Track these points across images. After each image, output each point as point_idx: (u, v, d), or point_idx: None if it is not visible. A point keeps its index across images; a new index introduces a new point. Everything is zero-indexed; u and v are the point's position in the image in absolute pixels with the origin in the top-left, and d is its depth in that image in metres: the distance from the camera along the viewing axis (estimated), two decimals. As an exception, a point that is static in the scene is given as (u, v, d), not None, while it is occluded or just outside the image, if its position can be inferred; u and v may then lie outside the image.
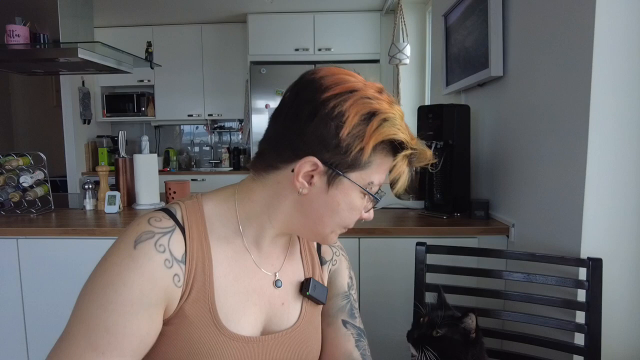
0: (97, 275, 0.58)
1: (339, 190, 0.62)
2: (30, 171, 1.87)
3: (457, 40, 2.01)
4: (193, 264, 0.62)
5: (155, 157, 2.06)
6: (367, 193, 0.63)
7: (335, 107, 0.58)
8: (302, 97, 0.61)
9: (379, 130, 0.59)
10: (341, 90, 0.60)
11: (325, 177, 0.61)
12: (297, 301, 0.73)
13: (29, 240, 1.63)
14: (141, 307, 0.56)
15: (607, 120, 1.08)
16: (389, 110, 0.61)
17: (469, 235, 1.58)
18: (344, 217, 0.65)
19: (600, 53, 1.06)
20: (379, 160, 0.62)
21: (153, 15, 4.05)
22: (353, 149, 0.59)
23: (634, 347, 1.14)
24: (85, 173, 4.16)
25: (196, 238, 0.63)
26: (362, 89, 0.61)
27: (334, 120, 0.58)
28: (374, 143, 0.59)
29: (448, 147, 1.72)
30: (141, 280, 0.57)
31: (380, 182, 0.64)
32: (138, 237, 0.59)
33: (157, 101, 4.36)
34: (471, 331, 0.87)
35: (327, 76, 0.62)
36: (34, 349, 1.66)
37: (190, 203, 0.66)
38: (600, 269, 1.06)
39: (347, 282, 0.80)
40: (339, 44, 3.95)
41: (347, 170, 0.61)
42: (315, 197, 0.63)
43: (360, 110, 0.59)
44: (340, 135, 0.58)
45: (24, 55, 2.05)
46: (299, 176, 0.61)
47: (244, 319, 0.65)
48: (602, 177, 1.09)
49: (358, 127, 0.59)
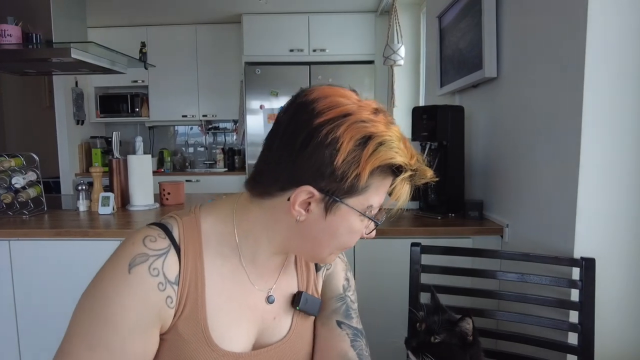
0: (95, 297, 0.58)
1: (337, 216, 0.61)
2: (23, 172, 1.86)
3: (451, 42, 2.02)
4: (186, 285, 0.62)
5: (149, 158, 2.05)
6: (365, 217, 0.62)
7: (328, 133, 0.56)
8: (295, 123, 0.59)
9: (375, 155, 0.57)
10: (334, 115, 0.58)
11: (322, 204, 0.60)
12: (289, 314, 0.73)
13: (21, 242, 1.61)
14: (137, 329, 0.58)
15: (599, 121, 1.09)
16: (385, 132, 0.58)
17: (464, 236, 1.58)
18: (343, 240, 0.64)
19: (593, 54, 1.07)
20: (377, 183, 0.60)
21: (147, 16, 4.03)
22: (349, 176, 0.57)
23: (626, 346, 1.15)
24: (79, 174, 4.13)
25: (191, 258, 0.63)
26: (356, 112, 0.58)
27: (328, 147, 0.56)
28: (370, 169, 0.58)
29: (442, 148, 1.72)
30: (136, 305, 0.58)
31: (380, 204, 0.63)
32: (132, 259, 0.59)
33: (151, 102, 4.34)
34: (468, 334, 0.87)
35: (320, 99, 0.59)
36: (26, 352, 1.64)
37: (187, 220, 0.66)
38: (594, 269, 1.07)
39: (343, 284, 0.80)
40: (333, 45, 3.95)
41: (345, 196, 0.59)
42: (313, 223, 0.62)
43: (355, 135, 0.57)
44: (335, 163, 0.57)
45: (16, 55, 2.04)
46: (295, 205, 0.60)
47: (236, 335, 0.66)
48: (595, 177, 1.10)
49: (353, 152, 0.57)
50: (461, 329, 0.87)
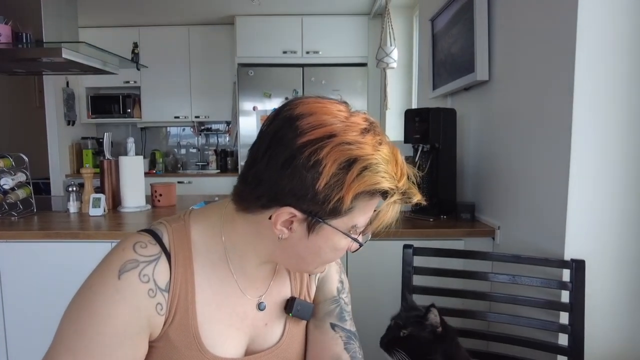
0: (82, 304, 0.58)
1: (320, 235, 0.59)
2: (12, 173, 1.83)
3: (444, 46, 2.03)
4: (176, 292, 0.62)
5: (141, 159, 2.04)
6: (350, 237, 0.61)
7: (311, 155, 0.54)
8: (278, 140, 0.56)
9: (359, 179, 0.55)
10: (318, 135, 0.55)
11: (304, 223, 0.58)
12: (281, 319, 0.73)
13: (9, 243, 1.59)
14: (126, 337, 0.58)
15: (589, 124, 1.10)
16: (371, 155, 0.56)
17: (455, 238, 1.59)
18: (328, 257, 0.64)
19: (583, 58, 1.08)
20: (361, 205, 0.58)
21: (139, 16, 4.01)
22: (332, 199, 0.55)
23: (616, 347, 1.16)
24: (69, 175, 4.09)
25: (181, 265, 0.63)
26: (341, 133, 0.56)
27: (310, 170, 0.54)
28: (353, 193, 0.55)
29: (434, 151, 1.73)
30: (126, 312, 0.57)
31: (366, 223, 0.62)
32: (122, 266, 0.59)
33: (144, 103, 4.31)
34: (437, 326, 0.88)
35: (305, 116, 0.57)
36: (14, 355, 1.62)
37: (177, 226, 0.65)
38: (583, 271, 1.08)
39: (337, 286, 0.80)
40: (327, 47, 3.96)
41: (328, 217, 0.58)
42: (296, 241, 0.61)
43: (339, 158, 0.54)
44: (317, 187, 0.55)
45: (5, 54, 2.01)
46: (277, 224, 0.59)
47: (228, 342, 0.66)
48: (585, 180, 1.12)
49: (336, 176, 0.55)
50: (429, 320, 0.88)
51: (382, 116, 3.79)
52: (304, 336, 0.76)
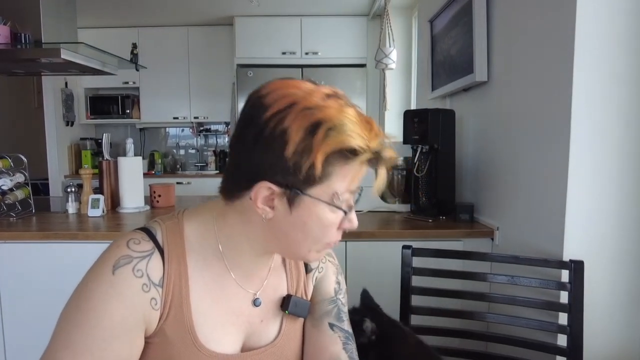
0: (79, 301, 0.58)
1: (302, 209, 0.58)
2: (10, 174, 1.83)
3: (443, 48, 2.03)
4: (170, 287, 0.62)
5: (140, 160, 2.04)
6: (333, 206, 0.59)
7: (276, 126, 0.55)
8: (247, 120, 0.59)
9: (326, 141, 0.54)
10: (281, 107, 0.56)
11: (284, 198, 0.58)
12: (277, 317, 0.73)
13: (8, 244, 1.58)
14: (122, 332, 0.58)
15: (588, 125, 1.10)
16: (336, 116, 0.56)
17: (455, 239, 1.59)
18: (317, 234, 0.61)
19: (581, 59, 1.08)
20: (337, 170, 0.57)
21: (138, 17, 4.01)
22: (303, 166, 0.55)
23: (615, 348, 1.16)
24: (68, 176, 4.08)
25: (175, 261, 0.63)
26: (302, 100, 0.56)
27: (277, 140, 0.55)
28: (323, 156, 0.55)
29: (433, 151, 1.73)
30: (121, 306, 0.58)
31: (349, 189, 0.60)
32: (116, 261, 0.60)
33: (143, 103, 4.30)
34: (370, 335, 0.91)
35: (269, 93, 0.58)
36: (13, 356, 1.61)
37: (170, 224, 0.66)
38: (582, 271, 1.08)
39: (334, 287, 0.80)
40: (326, 48, 3.96)
41: (304, 187, 0.57)
42: (281, 220, 0.60)
43: (303, 124, 0.55)
44: (285, 155, 0.55)
45: (4, 55, 2.00)
46: (257, 202, 0.59)
47: (223, 338, 0.66)
48: (583, 181, 1.12)
49: (303, 142, 0.54)
50: (364, 330, 0.91)
51: (381, 117, 3.79)
52: (301, 334, 0.76)
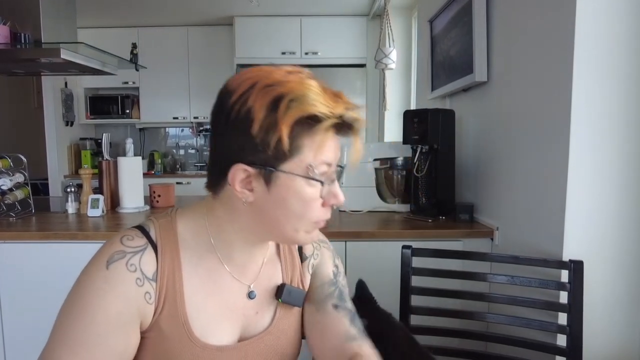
0: (74, 297, 0.60)
1: (279, 186, 0.59)
2: (10, 174, 1.83)
3: (443, 48, 2.03)
4: (164, 282, 0.63)
5: (139, 160, 2.04)
6: (309, 178, 0.59)
7: (241, 108, 0.57)
8: (216, 109, 0.61)
9: (288, 113, 0.56)
10: (243, 89, 0.58)
11: (261, 178, 0.59)
12: (272, 305, 0.73)
13: (7, 244, 1.58)
14: (117, 326, 0.59)
15: (588, 124, 1.10)
16: (297, 88, 0.57)
17: (454, 239, 1.59)
18: (299, 211, 0.61)
19: (581, 59, 1.08)
20: (306, 141, 0.58)
21: (138, 17, 4.01)
22: (270, 142, 0.56)
23: (614, 348, 1.16)
24: (68, 176, 4.08)
25: (168, 256, 0.64)
26: (263, 79, 0.58)
27: (243, 121, 0.57)
28: (287, 128, 0.56)
29: (433, 151, 1.73)
30: (115, 300, 0.59)
31: (323, 161, 0.59)
32: (110, 257, 0.61)
33: (142, 103, 4.30)
34: None
35: (234, 80, 0.61)
36: (12, 356, 1.61)
37: (164, 221, 0.67)
38: (582, 271, 1.08)
39: (332, 270, 0.80)
40: (325, 48, 3.96)
41: (277, 163, 0.58)
42: (262, 201, 0.61)
43: (265, 101, 0.56)
44: (252, 133, 0.56)
45: (4, 55, 2.00)
46: (235, 186, 0.60)
47: (219, 331, 0.67)
48: (583, 181, 1.12)
49: (268, 118, 0.56)
50: None
51: (381, 117, 3.79)
52: (297, 323, 0.76)
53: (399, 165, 1.88)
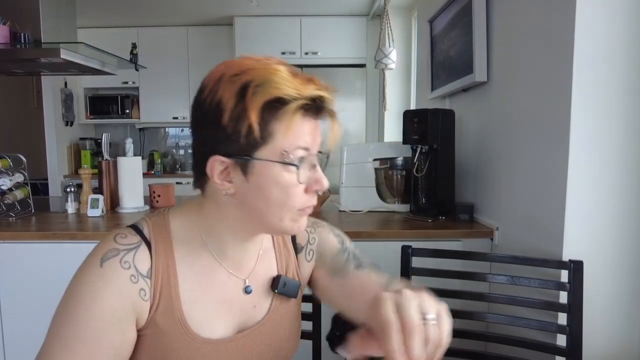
0: (69, 295, 0.60)
1: (256, 174, 0.59)
2: (10, 174, 1.83)
3: (442, 48, 2.03)
4: (159, 278, 0.63)
5: (139, 160, 2.04)
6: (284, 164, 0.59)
7: (212, 101, 0.58)
8: (193, 107, 0.62)
9: (254, 99, 0.56)
10: (213, 83, 0.59)
11: (238, 168, 0.59)
12: (268, 297, 0.74)
13: (7, 244, 1.58)
14: (113, 322, 0.59)
15: (587, 125, 1.10)
16: (262, 74, 0.57)
17: (454, 239, 1.59)
18: (280, 198, 0.60)
19: (580, 59, 1.08)
20: (277, 126, 0.57)
21: (138, 17, 4.01)
22: (242, 130, 0.57)
23: (614, 348, 1.16)
24: (67, 176, 4.08)
25: (162, 253, 0.65)
26: (230, 70, 0.59)
27: (214, 113, 0.58)
28: (255, 114, 0.56)
29: (433, 151, 1.73)
30: (110, 297, 0.59)
31: (297, 145, 0.59)
32: (104, 255, 0.61)
33: (142, 103, 4.30)
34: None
35: (207, 76, 0.62)
36: (11, 356, 1.61)
37: (157, 220, 0.68)
38: (582, 271, 1.08)
39: (337, 240, 0.80)
40: (325, 48, 3.96)
41: (252, 151, 0.58)
42: (243, 192, 0.61)
43: (233, 90, 0.57)
44: (223, 124, 0.57)
45: (3, 55, 2.01)
46: (214, 179, 0.60)
47: (217, 326, 0.67)
48: (583, 181, 1.12)
49: (237, 107, 0.56)
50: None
51: (381, 117, 3.79)
52: (294, 314, 0.77)
53: (399, 165, 1.88)
